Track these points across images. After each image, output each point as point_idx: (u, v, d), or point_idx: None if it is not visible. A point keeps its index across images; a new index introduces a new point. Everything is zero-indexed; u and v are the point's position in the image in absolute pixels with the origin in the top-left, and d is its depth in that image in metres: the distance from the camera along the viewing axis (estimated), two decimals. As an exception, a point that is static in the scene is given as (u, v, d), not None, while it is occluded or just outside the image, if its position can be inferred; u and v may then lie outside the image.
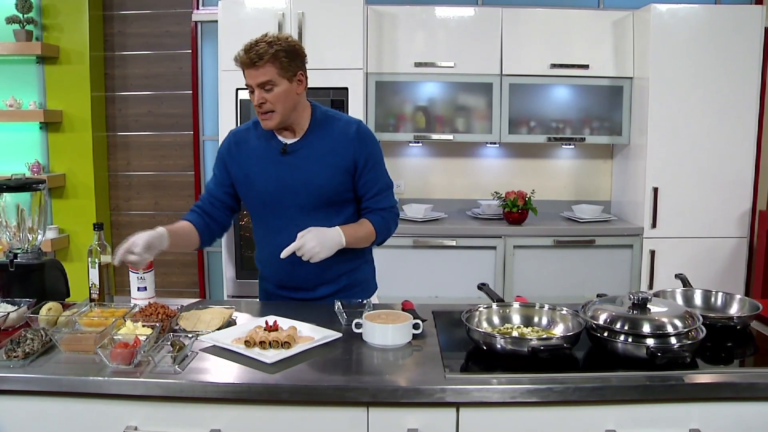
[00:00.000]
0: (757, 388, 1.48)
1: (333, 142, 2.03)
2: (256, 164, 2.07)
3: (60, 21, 4.09)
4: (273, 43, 1.92)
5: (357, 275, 2.16)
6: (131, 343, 1.56)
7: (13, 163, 4.03)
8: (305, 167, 2.02)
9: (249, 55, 1.92)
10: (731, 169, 3.74)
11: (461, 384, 1.47)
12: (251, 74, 1.94)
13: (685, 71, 3.67)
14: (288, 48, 1.95)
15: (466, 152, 4.25)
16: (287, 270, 2.06)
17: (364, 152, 2.04)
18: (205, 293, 4.40)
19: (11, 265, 1.96)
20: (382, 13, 3.83)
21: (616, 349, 1.57)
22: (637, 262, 3.78)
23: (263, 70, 1.92)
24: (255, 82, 1.94)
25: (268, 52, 1.90)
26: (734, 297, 1.92)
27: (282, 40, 1.95)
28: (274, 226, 2.08)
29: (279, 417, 1.50)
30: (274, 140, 2.06)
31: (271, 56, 1.91)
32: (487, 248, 3.75)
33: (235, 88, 3.68)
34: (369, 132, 2.10)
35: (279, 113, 1.96)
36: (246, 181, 2.09)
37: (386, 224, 2.10)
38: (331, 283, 2.11)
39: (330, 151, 2.03)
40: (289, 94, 1.97)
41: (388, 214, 2.11)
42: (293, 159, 2.04)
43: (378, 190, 2.09)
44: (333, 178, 2.03)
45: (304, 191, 2.03)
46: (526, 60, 3.85)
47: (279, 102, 1.95)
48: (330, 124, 2.07)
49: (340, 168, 2.03)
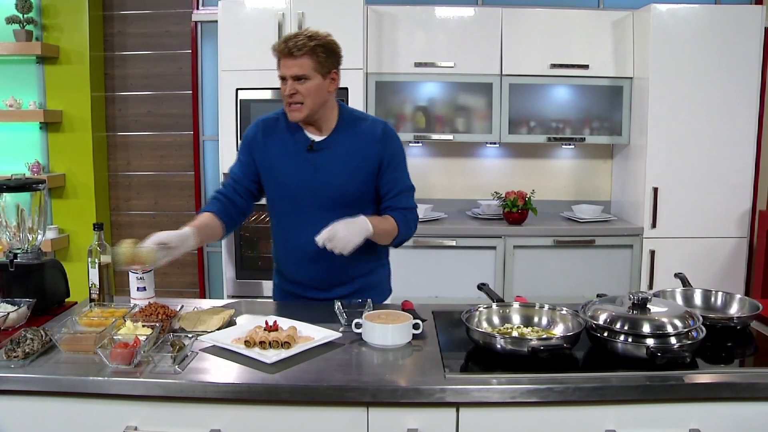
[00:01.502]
0: (757, 388, 1.48)
1: (359, 143, 2.04)
2: (281, 158, 2.07)
3: (60, 21, 4.10)
4: (313, 38, 1.94)
5: (372, 278, 2.16)
6: (131, 343, 1.56)
7: (13, 163, 4.03)
8: (329, 167, 2.03)
9: (287, 44, 1.93)
10: (731, 169, 3.74)
11: (461, 384, 1.47)
12: (287, 64, 1.95)
13: (685, 71, 3.67)
14: (326, 45, 1.97)
15: (466, 152, 4.25)
16: (303, 268, 2.07)
17: (388, 152, 2.05)
18: (205, 293, 4.40)
19: (11, 265, 1.96)
20: (382, 13, 3.83)
21: (616, 349, 1.57)
22: (637, 262, 3.78)
23: (299, 62, 1.93)
24: (290, 73, 1.95)
25: (307, 45, 1.92)
26: (734, 297, 1.92)
27: (321, 36, 1.97)
28: (292, 222, 2.08)
29: (279, 417, 1.50)
30: (301, 135, 2.06)
31: (310, 49, 1.92)
32: (487, 248, 3.75)
33: (235, 88, 3.68)
34: (394, 133, 2.10)
35: (308, 107, 1.97)
36: (270, 173, 2.09)
37: (407, 223, 2.09)
38: (345, 284, 2.11)
39: (355, 152, 2.03)
40: (321, 90, 1.98)
41: (409, 214, 2.10)
42: (318, 157, 2.04)
43: (399, 191, 2.08)
44: (356, 179, 2.03)
45: (326, 190, 2.03)
46: (526, 60, 3.85)
47: (310, 96, 1.96)
48: (356, 125, 2.07)
49: (363, 169, 2.03)
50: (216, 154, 4.13)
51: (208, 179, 4.36)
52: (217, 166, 4.15)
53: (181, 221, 4.80)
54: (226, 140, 3.73)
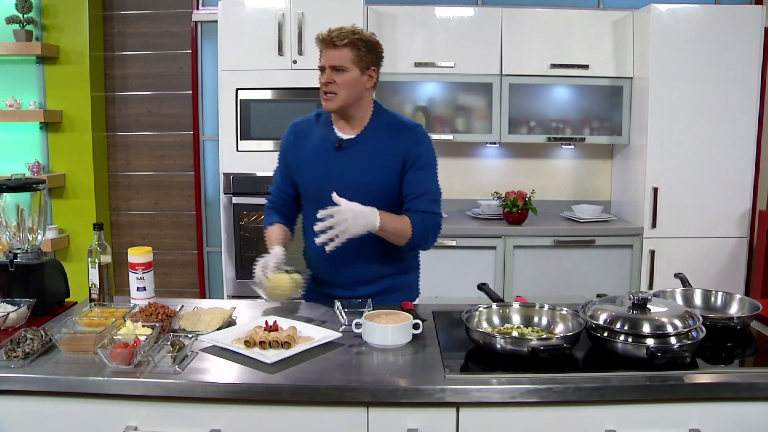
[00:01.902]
0: (757, 388, 1.48)
1: (387, 142, 2.04)
2: (311, 157, 2.09)
3: (60, 21, 4.09)
4: (356, 32, 1.98)
5: (399, 279, 2.16)
6: (131, 343, 1.56)
7: (13, 163, 4.03)
8: (357, 164, 2.03)
9: (331, 34, 1.96)
10: (731, 169, 3.74)
11: (461, 384, 1.47)
12: (327, 54, 1.98)
13: (685, 71, 3.67)
14: (368, 41, 2.00)
15: (466, 152, 4.25)
16: (329, 266, 2.07)
17: (414, 151, 2.03)
18: (205, 293, 4.40)
19: (11, 265, 1.96)
20: (382, 13, 3.83)
21: (616, 349, 1.57)
22: (637, 262, 3.78)
23: (340, 53, 1.96)
24: (329, 62, 1.97)
25: (350, 37, 1.96)
26: (734, 297, 1.92)
27: (366, 33, 2.01)
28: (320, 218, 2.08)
29: (279, 417, 1.50)
30: (332, 134, 2.08)
31: (351, 42, 1.96)
32: (487, 248, 3.75)
33: (235, 88, 3.68)
34: (425, 135, 2.08)
35: (341, 98, 1.99)
36: (301, 173, 2.12)
37: (424, 226, 2.01)
38: (370, 284, 2.11)
39: (383, 151, 2.03)
40: (357, 84, 1.99)
41: (430, 219, 2.03)
42: (346, 155, 2.05)
43: (422, 192, 2.03)
44: (382, 177, 2.03)
45: (352, 188, 2.01)
46: (526, 60, 3.85)
47: (345, 87, 1.98)
48: (388, 124, 2.07)
49: (390, 168, 2.03)
50: (216, 154, 4.13)
51: (208, 179, 4.36)
52: (217, 166, 4.15)
53: (181, 221, 4.81)
54: (226, 140, 3.73)
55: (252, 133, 3.71)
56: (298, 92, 3.66)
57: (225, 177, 3.74)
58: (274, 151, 3.67)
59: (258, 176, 3.70)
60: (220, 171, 3.78)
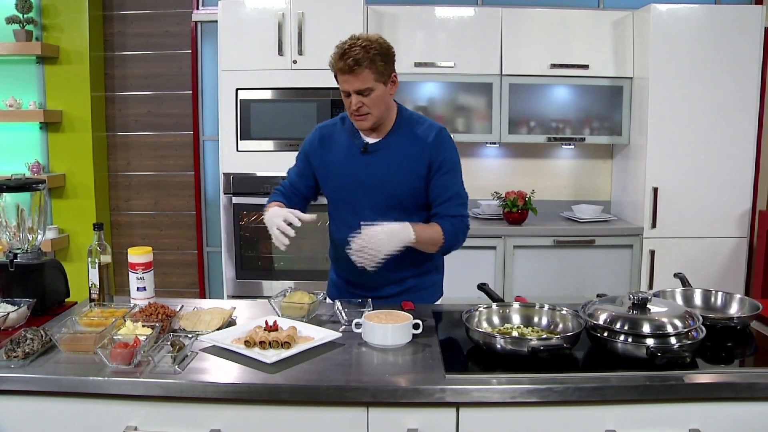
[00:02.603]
0: (757, 388, 1.48)
1: (412, 145, 2.03)
2: (337, 160, 2.09)
3: (60, 21, 4.09)
4: (368, 47, 1.89)
5: (424, 279, 2.16)
6: (131, 343, 1.56)
7: (13, 163, 4.03)
8: (382, 168, 2.03)
9: (346, 61, 1.89)
10: (731, 169, 3.74)
11: (461, 384, 1.47)
12: (348, 80, 1.92)
13: (685, 71, 3.67)
14: (383, 51, 1.93)
15: (465, 152, 4.24)
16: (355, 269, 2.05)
17: (439, 156, 2.02)
18: (205, 293, 4.40)
19: (11, 265, 1.96)
20: (382, 13, 3.83)
21: (616, 349, 1.57)
22: (636, 262, 3.78)
23: (362, 77, 1.90)
24: (353, 88, 1.92)
25: (366, 57, 1.89)
26: (734, 297, 1.92)
27: (374, 42, 1.92)
28: (346, 222, 2.09)
29: (279, 417, 1.50)
30: (357, 138, 2.08)
31: (369, 61, 1.89)
32: (487, 248, 3.75)
33: (235, 88, 3.68)
34: (449, 138, 2.07)
35: (374, 116, 1.98)
36: (326, 175, 2.12)
37: (455, 232, 2.03)
38: (396, 284, 2.12)
39: (408, 155, 2.03)
40: (385, 97, 1.98)
41: (459, 222, 2.04)
42: (372, 159, 2.05)
43: (449, 197, 2.04)
44: (408, 181, 2.03)
45: (378, 191, 2.03)
46: (526, 60, 3.85)
47: (375, 105, 1.96)
48: (412, 127, 2.06)
49: (415, 172, 2.03)
50: (216, 154, 4.13)
51: (208, 179, 4.36)
52: (217, 166, 4.15)
53: (181, 221, 4.82)
54: (226, 140, 3.73)
55: (252, 133, 3.71)
56: (298, 92, 3.66)
57: (225, 177, 3.74)
58: (274, 151, 3.68)
59: (258, 176, 3.70)
60: (220, 171, 3.78)
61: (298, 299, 1.92)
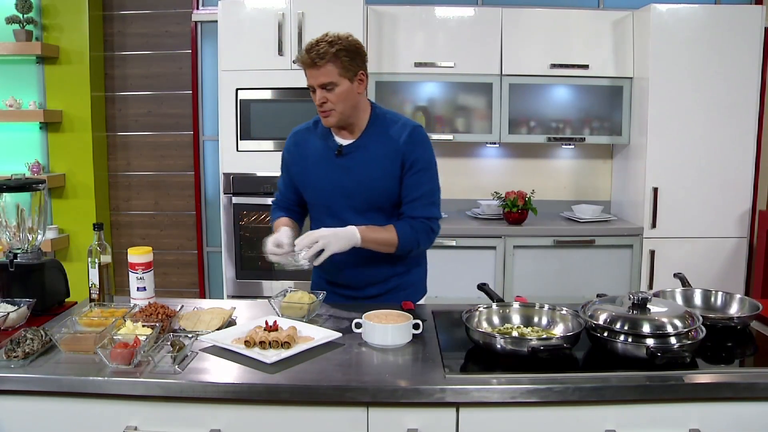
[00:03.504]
0: (757, 388, 1.48)
1: (387, 145, 2.03)
2: (312, 164, 2.09)
3: (60, 21, 4.09)
4: (334, 43, 1.92)
5: (407, 278, 2.16)
6: (131, 343, 1.56)
7: (13, 163, 4.03)
8: (358, 169, 2.03)
9: (310, 54, 1.91)
10: (731, 169, 3.74)
11: (461, 384, 1.47)
12: (313, 74, 1.94)
13: (685, 71, 3.67)
14: (349, 47, 1.94)
15: (466, 152, 4.25)
16: (338, 269, 2.08)
17: (412, 155, 2.02)
18: (205, 293, 4.40)
19: (11, 265, 1.96)
20: (382, 13, 3.83)
21: (616, 349, 1.57)
22: (636, 262, 3.78)
23: (324, 70, 1.92)
24: (316, 82, 1.94)
25: (330, 52, 1.90)
26: (734, 297, 1.92)
27: (343, 39, 1.94)
28: (326, 224, 2.08)
29: (279, 417, 1.50)
30: (331, 141, 2.08)
31: (332, 56, 1.91)
32: (487, 248, 3.75)
33: (235, 88, 3.68)
34: (424, 136, 2.07)
35: (339, 112, 1.98)
36: (302, 180, 2.13)
37: (414, 234, 2.03)
38: (379, 283, 2.12)
39: (382, 155, 2.03)
40: (350, 94, 1.97)
41: (420, 225, 2.03)
42: (347, 161, 2.05)
43: (417, 197, 2.04)
44: (384, 181, 2.03)
45: (356, 193, 2.04)
46: (526, 60, 3.85)
47: (340, 101, 1.96)
48: (387, 126, 2.06)
49: (390, 172, 2.03)
50: (216, 154, 4.13)
51: (208, 179, 4.36)
52: (217, 166, 4.15)
53: (181, 221, 4.81)
54: (226, 140, 3.73)
55: (252, 133, 3.71)
56: (298, 92, 3.66)
57: (225, 177, 3.74)
58: (274, 151, 3.68)
59: (258, 176, 3.70)
60: (220, 171, 3.78)
61: (298, 299, 1.92)
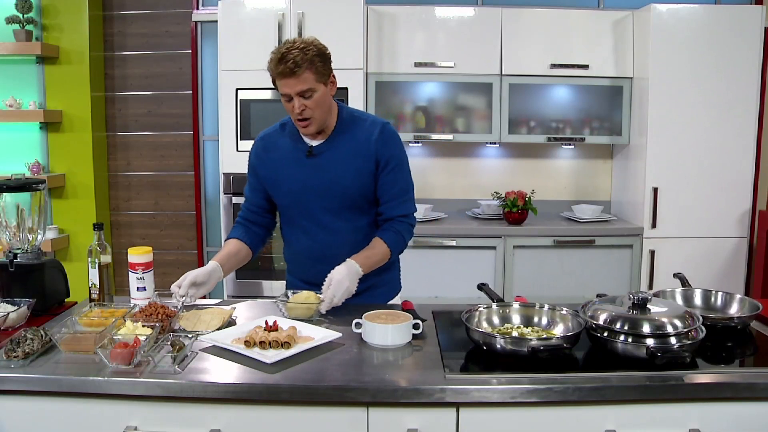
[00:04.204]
0: (757, 388, 1.48)
1: (358, 144, 2.03)
2: (283, 166, 2.08)
3: (60, 21, 4.10)
4: (306, 49, 1.89)
5: (383, 276, 2.16)
6: (131, 343, 1.56)
7: (13, 163, 4.03)
8: (330, 169, 2.03)
9: (286, 64, 1.87)
10: (731, 169, 3.74)
11: (461, 384, 1.47)
12: (288, 83, 1.90)
13: (685, 71, 3.67)
14: (320, 52, 1.93)
15: (466, 152, 4.25)
16: (313, 269, 2.08)
17: (386, 153, 2.03)
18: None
19: (11, 265, 1.96)
20: (382, 13, 3.83)
21: (616, 349, 1.57)
22: (636, 262, 3.78)
23: (302, 78, 1.89)
24: (294, 91, 1.91)
25: (305, 59, 1.88)
26: (734, 297, 1.92)
27: (311, 44, 1.92)
28: (301, 226, 2.10)
29: (279, 417, 1.50)
30: (300, 142, 2.07)
31: (309, 62, 1.88)
32: (487, 248, 3.75)
33: (235, 88, 3.68)
34: (394, 133, 2.08)
35: (318, 118, 1.97)
36: (274, 183, 2.11)
37: (400, 237, 2.07)
38: None
39: (355, 154, 2.03)
40: (326, 98, 1.97)
41: (402, 227, 2.07)
42: (319, 161, 2.04)
43: (394, 194, 2.06)
44: (357, 180, 2.03)
45: (329, 193, 2.03)
46: (526, 60, 3.85)
47: (318, 107, 1.94)
48: (356, 125, 2.06)
49: (363, 171, 2.03)
50: (216, 154, 4.13)
51: (208, 179, 4.36)
52: (217, 166, 4.15)
53: (181, 221, 4.82)
54: (226, 140, 3.73)
55: (252, 133, 3.71)
56: (298, 92, 3.66)
57: (225, 177, 3.74)
58: (274, 151, 3.68)
59: (258, 176, 3.70)
60: (220, 171, 3.78)
61: (304, 299, 1.92)
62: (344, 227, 2.07)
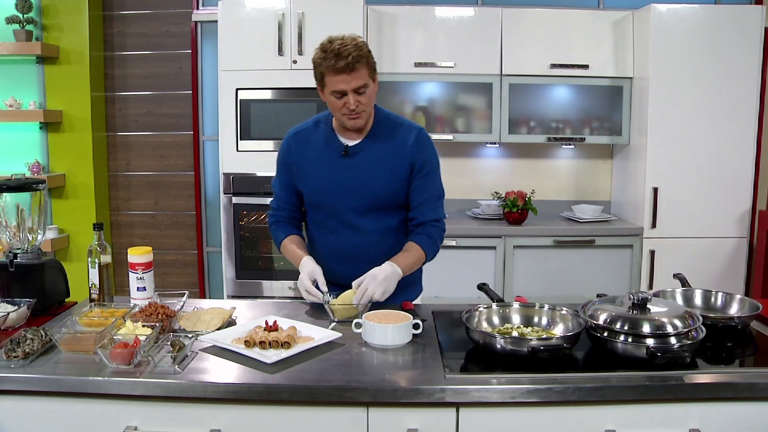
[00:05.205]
0: (757, 388, 1.48)
1: (393, 147, 2.04)
2: (316, 164, 2.08)
3: (60, 21, 4.10)
4: (359, 46, 1.92)
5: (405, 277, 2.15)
6: (131, 343, 1.56)
7: (13, 163, 4.03)
8: (364, 170, 2.04)
9: (346, 60, 1.88)
10: (731, 169, 3.74)
11: (461, 384, 1.47)
12: (344, 79, 1.91)
13: (685, 71, 3.67)
14: (369, 49, 1.96)
15: (466, 152, 4.25)
16: (339, 268, 2.08)
17: (420, 158, 2.05)
18: (205, 293, 4.40)
19: (11, 265, 1.96)
20: (382, 13, 3.83)
21: (616, 349, 1.57)
22: (636, 262, 3.78)
23: (359, 74, 1.91)
24: (350, 86, 1.91)
25: (362, 55, 1.90)
26: (734, 297, 1.92)
27: (360, 41, 1.94)
28: (328, 225, 2.10)
29: (279, 417, 1.50)
30: (335, 141, 2.07)
31: (365, 59, 1.92)
32: (487, 248, 3.75)
33: (235, 88, 3.68)
34: (428, 139, 2.10)
35: (367, 113, 2.00)
36: (305, 180, 2.11)
37: (433, 241, 2.08)
38: None
39: (389, 156, 2.04)
40: (374, 94, 2.00)
41: (435, 231, 2.09)
42: (353, 161, 2.05)
43: (426, 199, 2.08)
44: (390, 182, 2.04)
45: (360, 194, 2.04)
46: (526, 60, 3.85)
47: (369, 102, 1.98)
48: (392, 128, 2.07)
49: (397, 174, 2.04)
50: (216, 154, 4.13)
51: (208, 179, 4.36)
52: (217, 166, 4.15)
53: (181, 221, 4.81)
54: (226, 140, 3.73)
55: (252, 133, 3.71)
56: (298, 92, 3.66)
57: (225, 177, 3.74)
58: (274, 151, 3.67)
59: (258, 176, 3.70)
60: (220, 171, 3.78)
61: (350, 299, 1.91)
62: (372, 228, 2.07)
